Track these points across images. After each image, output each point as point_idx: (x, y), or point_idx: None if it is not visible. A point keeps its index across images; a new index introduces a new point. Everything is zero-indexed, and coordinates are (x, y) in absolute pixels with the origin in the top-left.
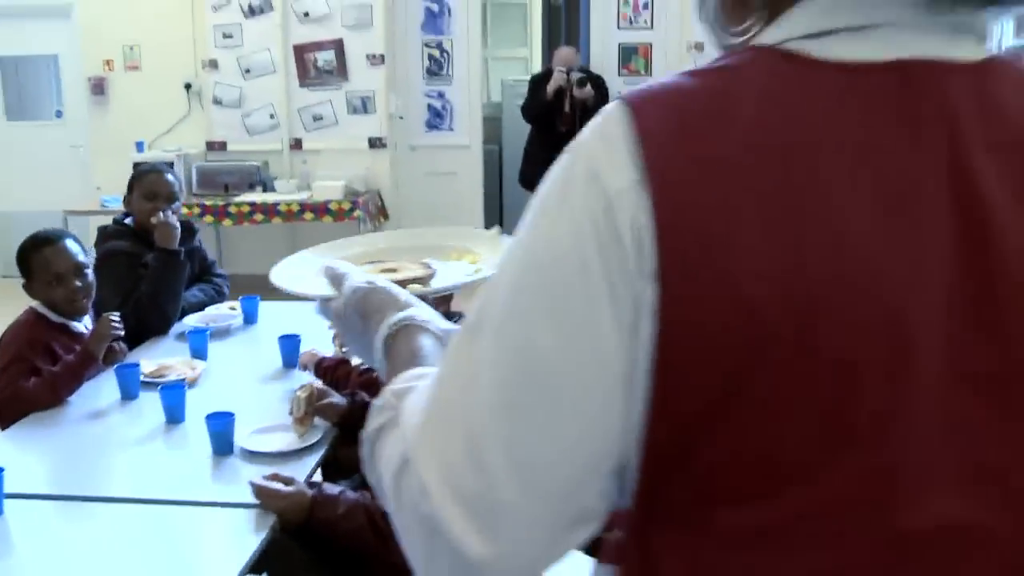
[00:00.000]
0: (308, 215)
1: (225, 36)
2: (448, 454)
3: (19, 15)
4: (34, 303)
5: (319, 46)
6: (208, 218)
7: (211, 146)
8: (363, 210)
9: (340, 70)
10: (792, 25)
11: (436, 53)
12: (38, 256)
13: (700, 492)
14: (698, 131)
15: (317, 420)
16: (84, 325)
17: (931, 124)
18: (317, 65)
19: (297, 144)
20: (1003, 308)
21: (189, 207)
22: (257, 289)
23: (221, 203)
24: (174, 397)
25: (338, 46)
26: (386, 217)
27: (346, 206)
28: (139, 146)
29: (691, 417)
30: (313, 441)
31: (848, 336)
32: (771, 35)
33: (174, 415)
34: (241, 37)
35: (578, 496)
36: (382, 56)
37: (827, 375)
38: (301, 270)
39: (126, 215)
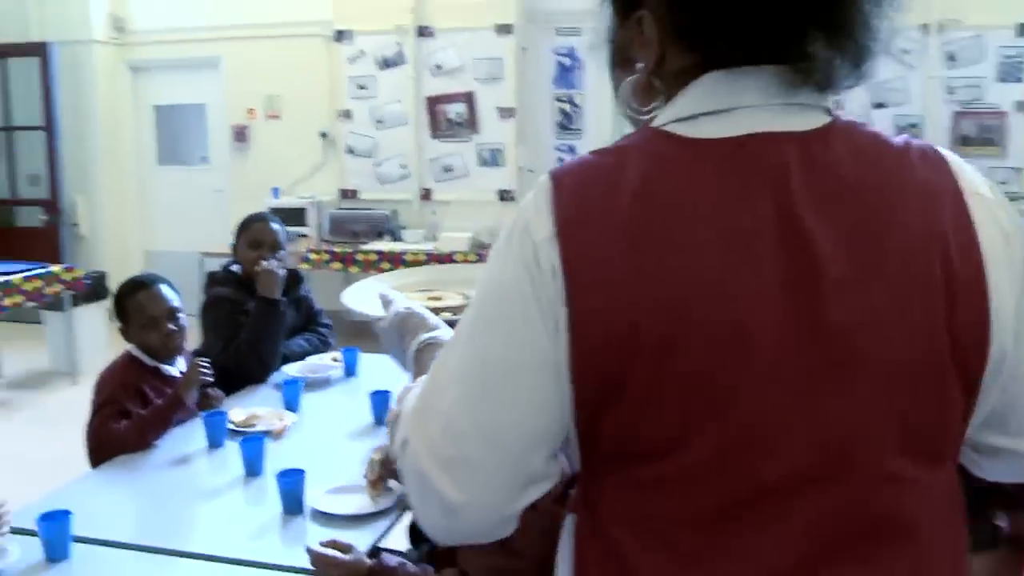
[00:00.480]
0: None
1: (360, 87)
2: (430, 431)
3: (174, 67)
4: (129, 346)
5: (450, 98)
6: (336, 264)
7: (344, 194)
8: None
9: (470, 122)
10: (675, 110)
11: (567, 107)
12: (132, 300)
13: (616, 454)
14: (595, 197)
15: (393, 483)
16: (178, 369)
17: (762, 180)
18: (448, 117)
19: (427, 194)
20: (825, 320)
21: (318, 253)
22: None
23: (350, 250)
24: (253, 450)
25: (469, 99)
26: None
27: (472, 258)
28: (275, 192)
29: (598, 400)
30: (386, 506)
31: (701, 342)
32: (661, 118)
33: (253, 468)
34: (375, 88)
35: (529, 459)
36: (512, 109)
37: (687, 368)
38: (370, 293)
39: (234, 262)
